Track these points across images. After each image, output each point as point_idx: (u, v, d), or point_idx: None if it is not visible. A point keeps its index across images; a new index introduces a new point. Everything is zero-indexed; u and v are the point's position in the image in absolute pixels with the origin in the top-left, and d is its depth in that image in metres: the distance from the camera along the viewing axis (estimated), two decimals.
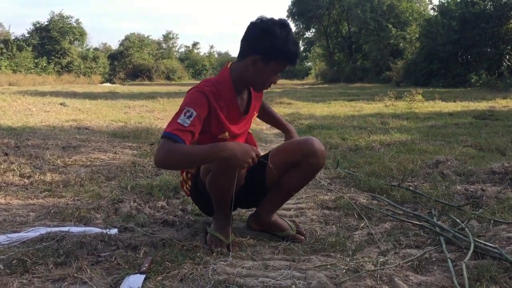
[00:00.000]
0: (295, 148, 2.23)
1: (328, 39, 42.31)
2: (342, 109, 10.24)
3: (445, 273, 1.86)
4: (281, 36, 2.00)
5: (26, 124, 6.83)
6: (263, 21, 2.03)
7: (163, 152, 1.89)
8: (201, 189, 2.24)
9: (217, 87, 2.09)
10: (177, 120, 1.93)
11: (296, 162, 2.21)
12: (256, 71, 2.07)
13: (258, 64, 2.04)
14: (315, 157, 2.18)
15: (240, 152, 1.88)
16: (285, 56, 2.05)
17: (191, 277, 1.81)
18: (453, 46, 22.23)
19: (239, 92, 2.17)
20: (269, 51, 2.02)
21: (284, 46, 2.01)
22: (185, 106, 1.97)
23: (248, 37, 2.07)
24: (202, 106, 2.00)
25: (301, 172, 2.23)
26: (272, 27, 2.00)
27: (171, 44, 60.30)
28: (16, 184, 3.33)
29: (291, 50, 2.03)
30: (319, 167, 2.23)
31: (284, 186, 2.27)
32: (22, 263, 1.88)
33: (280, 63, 2.06)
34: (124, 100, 13.05)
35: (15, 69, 33.49)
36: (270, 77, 2.11)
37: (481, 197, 2.85)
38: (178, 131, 1.90)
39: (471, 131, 6.05)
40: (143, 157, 4.47)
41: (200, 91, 2.05)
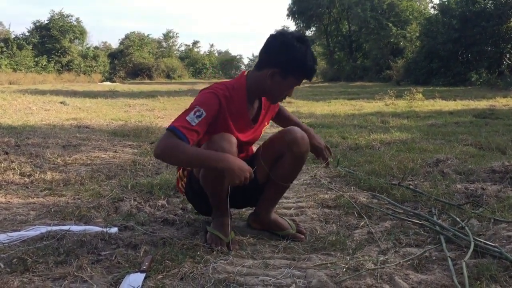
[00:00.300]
0: (279, 139, 2.25)
1: (328, 38, 42.28)
2: (342, 108, 10.24)
3: (445, 272, 1.87)
4: (300, 51, 2.04)
5: (26, 123, 6.83)
6: (283, 35, 2.07)
7: (165, 145, 1.93)
8: (195, 186, 2.25)
9: (231, 92, 2.10)
10: (186, 117, 1.96)
11: (282, 153, 2.23)
12: (273, 83, 2.09)
13: (276, 77, 2.07)
14: (296, 144, 2.19)
15: (238, 168, 1.93)
16: (303, 71, 2.08)
17: (191, 275, 1.81)
18: (453, 44, 22.21)
19: (251, 100, 2.19)
20: (288, 65, 2.05)
21: (303, 61, 2.05)
22: (196, 105, 2.00)
23: (267, 49, 2.09)
24: (213, 108, 2.02)
25: (287, 162, 2.23)
26: (292, 42, 2.03)
27: (171, 43, 60.27)
28: (17, 182, 3.33)
29: (309, 66, 2.07)
30: (303, 153, 2.23)
31: (276, 179, 2.28)
32: (23, 261, 1.89)
33: (297, 78, 2.10)
34: (124, 98, 13.06)
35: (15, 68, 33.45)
36: (286, 90, 2.15)
37: (481, 196, 2.85)
38: (184, 128, 1.93)
39: (471, 130, 6.05)
40: (143, 156, 4.47)
41: (214, 93, 2.07)
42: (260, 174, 2.28)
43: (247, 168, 1.96)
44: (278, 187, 2.33)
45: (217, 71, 59.24)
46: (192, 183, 2.27)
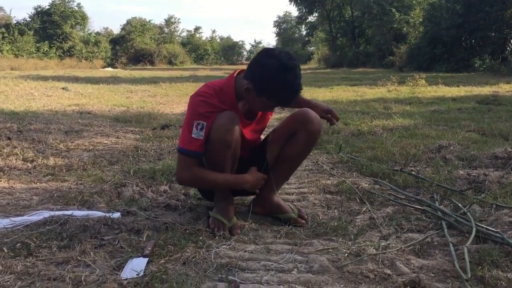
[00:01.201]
0: (292, 119, 2.28)
1: (331, 24, 41.95)
2: (345, 94, 10.20)
3: (446, 257, 1.87)
4: (278, 80, 1.97)
5: (28, 109, 6.84)
6: (270, 55, 2.00)
7: (188, 175, 2.13)
8: None
9: (219, 95, 2.10)
10: (191, 135, 2.04)
11: (295, 131, 2.25)
12: (248, 98, 2.08)
13: (250, 92, 2.04)
14: (311, 123, 2.22)
15: (255, 183, 2.21)
16: (276, 98, 2.05)
17: (193, 260, 1.82)
18: (457, 30, 22.04)
19: (242, 99, 2.15)
20: (261, 87, 2.01)
21: (278, 90, 2.00)
22: (195, 120, 2.04)
23: (253, 60, 2.08)
24: (210, 115, 2.04)
25: (300, 140, 2.26)
26: (273, 67, 1.96)
27: (173, 29, 59.98)
28: (19, 168, 3.34)
29: (282, 95, 2.03)
30: (317, 132, 2.25)
31: (286, 157, 2.30)
32: (26, 246, 1.90)
33: (270, 101, 2.06)
34: (126, 84, 13.03)
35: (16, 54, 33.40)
36: (262, 108, 2.15)
37: (484, 182, 2.85)
38: (195, 146, 2.05)
39: (474, 116, 6.03)
40: (145, 141, 4.48)
41: (203, 100, 2.07)
42: (271, 157, 2.31)
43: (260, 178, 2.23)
44: (288, 166, 2.35)
45: (219, 57, 59.05)
46: None
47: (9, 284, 1.58)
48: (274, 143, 2.31)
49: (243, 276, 1.72)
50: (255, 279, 1.69)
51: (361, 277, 1.71)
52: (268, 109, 2.17)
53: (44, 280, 1.63)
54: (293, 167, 2.43)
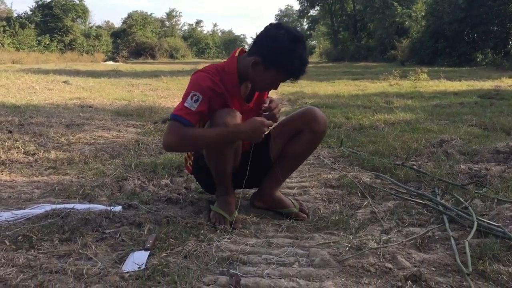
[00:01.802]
0: (297, 117, 2.27)
1: (332, 17, 41.82)
2: (346, 88, 10.18)
3: (447, 251, 1.87)
4: (287, 48, 1.98)
5: (29, 102, 6.83)
6: (278, 28, 2.02)
7: (174, 136, 1.97)
8: (201, 164, 2.26)
9: (221, 75, 2.09)
10: (184, 104, 1.98)
11: (299, 130, 2.24)
12: (254, 73, 2.06)
13: (258, 67, 2.04)
14: (316, 122, 2.20)
15: (252, 131, 1.98)
16: (284, 69, 2.03)
17: (195, 253, 1.82)
18: (459, 24, 21.95)
19: (243, 80, 2.15)
20: (270, 58, 2.01)
21: (287, 58, 1.99)
22: (192, 90, 2.00)
23: (259, 36, 2.07)
24: (207, 90, 2.01)
25: (304, 139, 2.25)
26: (282, 37, 1.98)
27: (174, 22, 59.86)
28: (21, 161, 3.34)
29: (292, 65, 2.01)
30: (321, 132, 2.25)
31: (289, 155, 2.29)
32: (28, 239, 1.90)
33: (279, 73, 2.04)
34: (127, 78, 13.02)
35: (18, 47, 33.36)
36: (268, 83, 2.10)
37: (485, 176, 2.84)
38: (186, 114, 1.96)
39: (476, 110, 6.02)
40: (146, 135, 4.48)
41: (205, 75, 2.06)
42: (273, 150, 2.30)
43: (259, 123, 1.98)
44: (290, 163, 2.34)
45: (220, 50, 58.89)
46: (198, 160, 2.29)
47: (11, 276, 1.59)
48: (277, 138, 2.30)
49: (244, 269, 1.72)
50: (256, 273, 1.69)
51: (362, 271, 1.71)
52: (274, 84, 2.12)
53: (46, 272, 1.63)
54: (295, 165, 2.42)
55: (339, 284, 1.61)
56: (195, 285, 1.58)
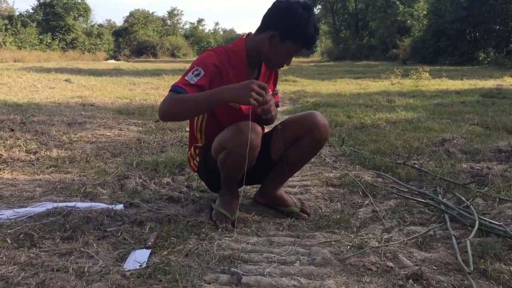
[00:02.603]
0: (298, 122, 2.24)
1: (334, 16, 41.75)
2: (348, 87, 10.17)
3: (449, 250, 1.87)
4: (302, 17, 2.02)
5: (31, 101, 6.84)
6: (288, 0, 2.04)
7: (165, 103, 1.94)
8: (210, 165, 2.24)
9: (229, 54, 2.10)
10: (185, 77, 1.99)
11: (300, 136, 2.22)
12: (271, 47, 2.07)
13: (274, 40, 2.05)
14: (317, 130, 2.18)
15: (239, 90, 1.85)
16: (301, 37, 2.05)
17: (196, 252, 1.82)
18: (461, 23, 21.93)
19: (251, 65, 2.16)
20: (287, 29, 2.03)
21: (303, 27, 2.02)
22: (195, 65, 2.02)
23: (270, 12, 2.09)
24: (211, 66, 2.02)
25: (305, 146, 2.23)
26: (295, 7, 2.02)
27: (175, 21, 59.76)
28: (23, 159, 3.35)
29: (308, 32, 2.04)
30: (322, 140, 2.23)
31: (289, 160, 2.27)
32: (29, 237, 1.91)
33: (295, 44, 2.06)
34: (129, 77, 13.02)
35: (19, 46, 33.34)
36: (284, 56, 2.12)
37: (487, 175, 2.84)
38: (184, 85, 1.95)
39: (477, 109, 6.01)
40: (148, 134, 4.48)
41: (213, 53, 2.08)
42: (274, 152, 2.28)
43: (247, 82, 1.87)
44: (291, 167, 2.33)
45: None
46: (207, 161, 2.26)
47: (12, 274, 1.59)
48: (278, 141, 2.26)
49: (245, 268, 1.72)
50: (258, 271, 1.69)
51: (363, 269, 1.71)
52: (289, 57, 2.13)
53: (48, 271, 1.64)
54: (295, 169, 2.41)
55: (340, 282, 1.61)
56: (196, 284, 1.58)
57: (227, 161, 2.09)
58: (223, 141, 2.06)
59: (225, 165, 2.12)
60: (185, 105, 1.91)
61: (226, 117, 2.14)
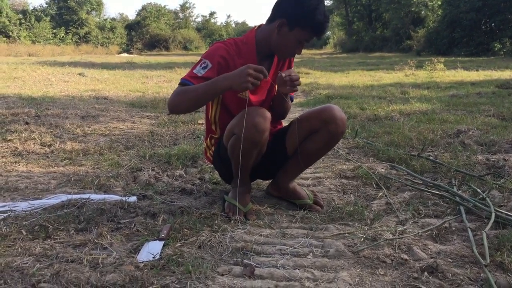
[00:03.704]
0: (315, 115, 2.21)
1: (347, 8, 41.39)
2: (361, 79, 10.09)
3: (464, 243, 1.85)
4: (311, 3, 2.01)
5: (45, 94, 6.90)
6: None
7: (172, 95, 2.03)
8: (222, 154, 2.24)
9: (239, 46, 2.13)
10: (193, 70, 2.05)
11: (316, 129, 2.19)
12: (280, 36, 2.07)
13: (283, 28, 2.06)
14: (334, 123, 2.16)
15: (236, 75, 1.88)
16: (310, 24, 2.04)
17: (209, 244, 1.82)
18: (476, 13, 21.60)
19: (261, 56, 2.16)
20: (296, 16, 2.03)
21: (311, 13, 2.01)
22: (203, 58, 2.07)
23: (279, 1, 2.09)
24: (219, 58, 2.05)
25: (321, 139, 2.20)
26: None
27: (187, 14, 59.76)
28: (37, 152, 3.38)
29: (317, 19, 2.03)
30: (339, 133, 2.20)
31: (304, 153, 2.25)
32: (44, 229, 1.92)
33: (304, 31, 2.05)
34: (141, 70, 13.06)
35: (33, 40, 33.69)
36: (294, 45, 2.10)
37: (503, 167, 2.80)
38: (191, 78, 2.03)
39: (493, 100, 5.92)
40: (161, 126, 4.49)
41: (222, 45, 2.11)
42: (290, 145, 2.27)
43: (244, 67, 1.88)
44: (306, 160, 2.30)
45: None
46: (220, 150, 2.26)
47: (27, 265, 1.61)
48: (294, 134, 2.23)
49: (258, 260, 1.71)
50: (271, 263, 1.68)
51: (377, 262, 1.69)
52: (299, 45, 2.11)
53: (62, 262, 1.65)
54: (310, 162, 2.38)
55: (354, 275, 1.60)
56: (209, 275, 1.58)
57: (236, 146, 2.08)
58: (232, 127, 2.09)
59: (234, 151, 2.11)
60: (188, 96, 1.98)
61: (236, 108, 2.13)
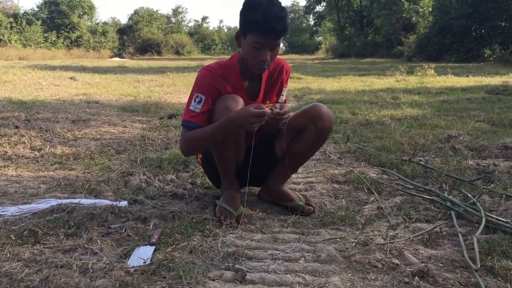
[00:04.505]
0: (302, 114, 2.23)
1: (339, 13, 41.64)
2: (353, 84, 10.13)
3: (455, 247, 1.86)
4: (255, 6, 1.95)
5: (36, 98, 6.86)
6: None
7: (183, 141, 2.08)
8: (208, 156, 2.27)
9: (224, 70, 2.11)
10: (190, 108, 2.06)
11: (304, 127, 2.21)
12: (242, 48, 2.06)
13: (240, 40, 2.05)
14: (321, 120, 2.16)
15: (241, 118, 1.92)
16: (254, 25, 1.94)
17: (200, 249, 1.81)
18: (466, 20, 21.79)
19: (247, 76, 2.15)
20: (243, 22, 2.01)
21: (255, 15, 1.94)
22: (194, 92, 2.07)
23: None
24: (208, 87, 2.06)
25: (309, 136, 2.21)
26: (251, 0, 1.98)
27: (180, 19, 59.77)
28: (27, 156, 3.35)
29: (260, 20, 1.91)
30: (326, 130, 2.20)
31: (294, 153, 2.25)
32: (34, 233, 1.90)
33: (253, 34, 1.96)
34: (133, 74, 13.02)
35: (24, 44, 33.47)
36: (252, 52, 1.99)
37: (493, 172, 2.82)
38: (192, 117, 2.04)
39: (483, 106, 5.97)
40: (152, 131, 4.48)
41: (206, 73, 2.10)
42: (279, 148, 2.28)
43: (248, 109, 1.91)
44: (292, 163, 2.30)
45: (226, 47, 58.81)
46: (207, 152, 2.28)
47: (16, 271, 1.59)
48: (282, 137, 2.26)
49: (250, 264, 1.71)
50: (262, 268, 1.68)
51: (368, 266, 1.70)
52: (256, 51, 1.98)
53: (51, 267, 1.63)
54: (301, 161, 2.38)
55: (345, 279, 1.60)
56: (201, 280, 1.57)
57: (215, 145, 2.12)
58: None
59: (214, 148, 2.15)
60: (199, 144, 2.08)
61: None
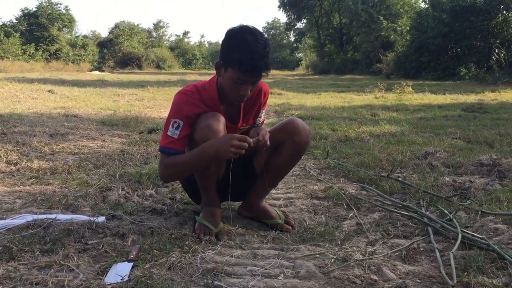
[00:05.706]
0: (280, 128, 2.25)
1: (319, 30, 42.21)
2: (332, 100, 10.24)
3: (432, 263, 1.88)
4: (240, 45, 1.93)
5: (13, 111, 6.75)
6: (233, 28, 2.01)
7: (161, 168, 2.10)
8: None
9: (201, 93, 2.10)
10: (167, 133, 2.05)
11: (282, 142, 2.22)
12: (222, 78, 2.06)
13: (221, 70, 2.04)
14: (298, 134, 2.19)
15: (220, 145, 1.94)
16: (238, 65, 1.92)
17: (179, 265, 1.80)
18: (443, 39, 22.27)
19: (224, 100, 2.13)
20: (225, 55, 2.00)
21: (239, 55, 1.91)
22: (172, 118, 2.06)
23: None
24: (186, 112, 2.05)
25: (287, 151, 2.23)
26: (235, 32, 1.98)
27: (161, 33, 59.83)
28: (3, 171, 3.29)
29: (244, 60, 1.90)
30: (303, 143, 2.22)
31: (272, 167, 2.27)
32: (8, 250, 1.86)
33: (234, 70, 1.95)
34: (113, 88, 12.94)
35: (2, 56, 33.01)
36: (232, 85, 1.99)
37: (469, 189, 2.87)
38: (170, 143, 2.04)
39: (460, 123, 6.09)
40: (132, 145, 4.44)
41: (183, 98, 2.09)
42: (258, 163, 2.29)
43: (227, 138, 1.94)
44: (271, 177, 2.31)
45: (207, 62, 58.94)
46: None
47: None
48: (261, 152, 2.28)
49: (229, 281, 1.70)
50: (241, 284, 1.67)
51: (347, 282, 1.70)
52: (237, 85, 1.98)
53: (26, 284, 1.60)
54: (279, 177, 2.40)
55: None
56: None
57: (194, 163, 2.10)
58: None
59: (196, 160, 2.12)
60: (179, 169, 2.08)
61: None
